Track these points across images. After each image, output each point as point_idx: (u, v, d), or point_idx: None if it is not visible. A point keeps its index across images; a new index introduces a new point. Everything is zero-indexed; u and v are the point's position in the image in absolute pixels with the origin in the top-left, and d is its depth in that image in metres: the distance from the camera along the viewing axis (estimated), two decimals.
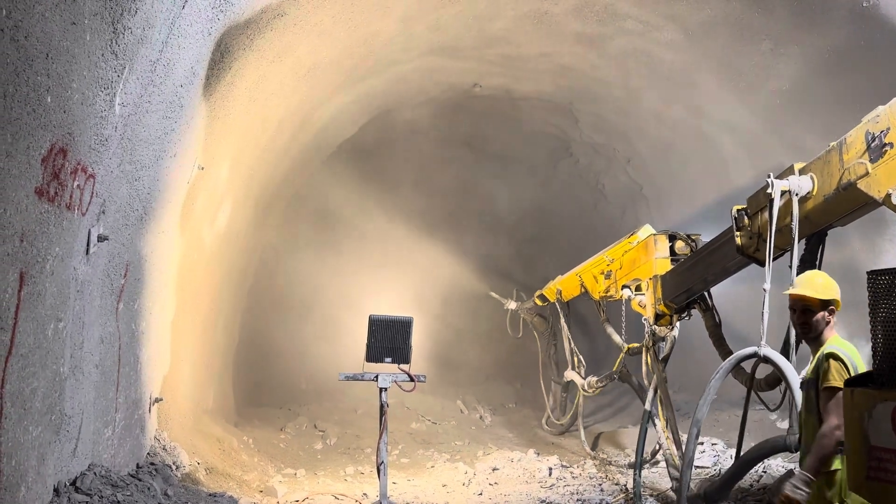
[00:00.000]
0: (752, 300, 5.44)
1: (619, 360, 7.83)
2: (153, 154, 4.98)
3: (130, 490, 4.72)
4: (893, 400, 2.44)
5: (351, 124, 10.89)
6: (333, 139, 11.00)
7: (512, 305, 12.07)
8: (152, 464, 5.72)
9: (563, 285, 9.62)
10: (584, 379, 9.10)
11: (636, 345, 7.30)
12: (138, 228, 5.24)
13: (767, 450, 5.23)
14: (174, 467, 6.00)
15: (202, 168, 6.22)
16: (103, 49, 3.65)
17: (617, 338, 8.02)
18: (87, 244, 4.27)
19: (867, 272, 2.59)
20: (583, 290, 8.76)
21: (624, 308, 7.57)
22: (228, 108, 6.24)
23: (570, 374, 10.06)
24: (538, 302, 11.01)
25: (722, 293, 6.12)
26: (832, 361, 3.40)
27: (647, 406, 6.78)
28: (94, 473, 4.53)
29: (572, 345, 9.80)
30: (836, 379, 3.35)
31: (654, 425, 6.77)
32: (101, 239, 4.42)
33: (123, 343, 5.22)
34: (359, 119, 10.87)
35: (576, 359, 9.76)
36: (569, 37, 8.61)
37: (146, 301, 5.72)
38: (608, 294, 7.94)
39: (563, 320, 10.17)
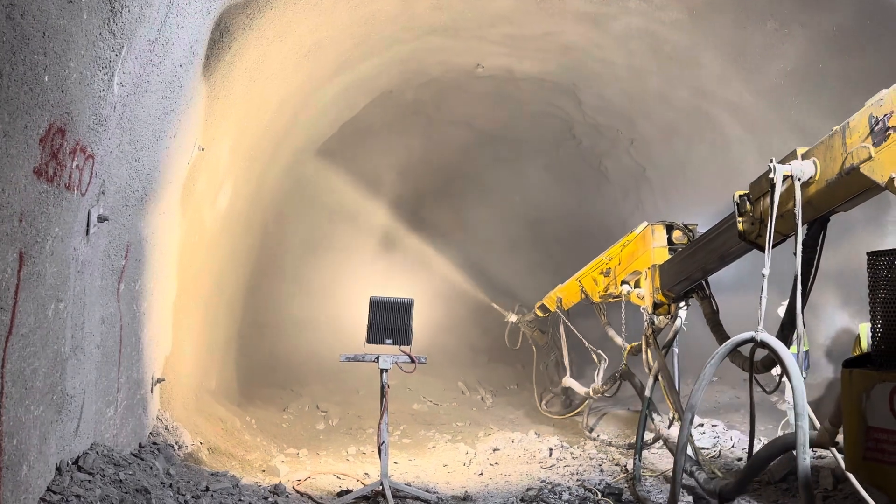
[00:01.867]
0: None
1: (624, 357, 7.86)
2: (153, 134, 4.96)
3: (133, 469, 4.75)
4: (892, 381, 2.44)
5: (352, 105, 10.84)
6: (335, 120, 10.95)
7: (513, 318, 12.12)
8: (154, 443, 5.76)
9: (564, 292, 9.70)
10: (589, 386, 9.19)
11: (637, 343, 7.35)
12: (139, 209, 5.23)
13: (779, 447, 5.23)
14: (176, 447, 6.05)
15: (202, 149, 6.20)
16: (101, 28, 3.63)
17: (618, 339, 8.09)
18: (87, 225, 4.27)
19: (867, 253, 2.58)
20: (583, 295, 8.83)
21: (624, 307, 7.62)
22: (228, 88, 6.21)
23: (568, 382, 10.16)
24: (539, 313, 11.07)
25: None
26: None
27: (647, 392, 6.80)
28: (97, 452, 4.56)
29: (584, 345, 9.78)
30: None
31: (655, 412, 6.82)
32: (101, 219, 4.42)
33: (125, 324, 5.24)
34: (360, 100, 10.82)
35: (572, 366, 9.90)
36: (571, 16, 8.53)
37: (147, 282, 5.73)
38: (608, 293, 7.98)
39: (562, 328, 10.26)
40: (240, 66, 6.17)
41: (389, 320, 6.26)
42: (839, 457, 3.33)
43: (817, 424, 3.92)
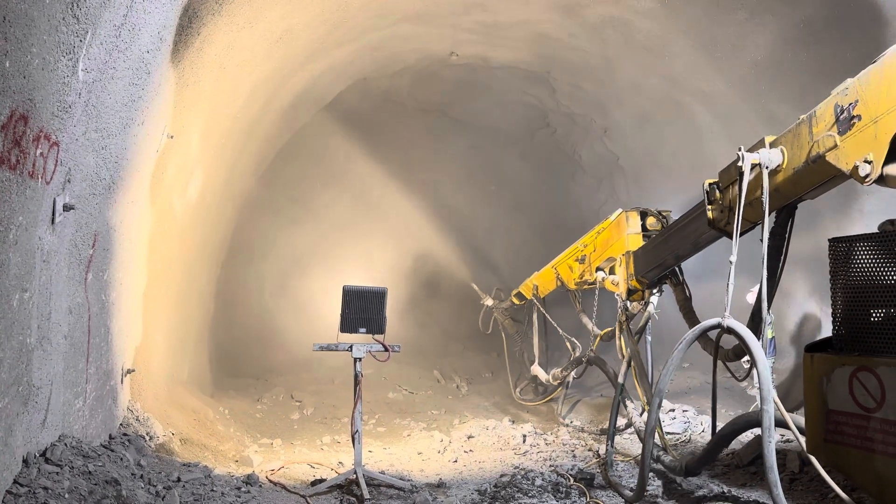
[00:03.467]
0: None
1: (594, 344, 7.93)
2: (120, 122, 4.88)
3: (102, 461, 4.70)
4: (851, 365, 2.49)
5: (325, 93, 10.75)
6: (307, 108, 10.86)
7: (489, 302, 12.12)
8: (125, 434, 5.70)
9: (539, 280, 9.73)
10: (549, 373, 9.30)
11: (609, 329, 7.40)
12: (106, 198, 5.15)
13: (742, 425, 5.34)
14: (148, 438, 5.99)
15: (172, 136, 6.11)
16: (64, 13, 3.55)
17: (591, 325, 8.15)
18: (53, 213, 4.19)
19: (829, 240, 2.63)
20: (558, 282, 8.87)
21: (597, 294, 7.67)
22: (198, 75, 6.12)
23: (535, 370, 10.25)
24: (515, 301, 11.10)
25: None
26: None
27: (621, 378, 6.88)
28: (65, 444, 4.50)
29: (563, 334, 9.85)
30: None
31: (628, 398, 6.91)
32: (66, 208, 4.34)
33: (93, 314, 5.16)
34: (333, 88, 10.74)
35: (545, 354, 10.03)
36: (545, 4, 8.53)
37: (116, 272, 5.65)
38: (583, 280, 8.02)
39: (535, 316, 10.30)
40: (209, 52, 6.08)
41: (363, 309, 6.25)
42: (801, 439, 3.41)
43: (783, 409, 3.99)
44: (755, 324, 4.48)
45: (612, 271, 7.25)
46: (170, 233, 7.26)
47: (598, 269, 7.51)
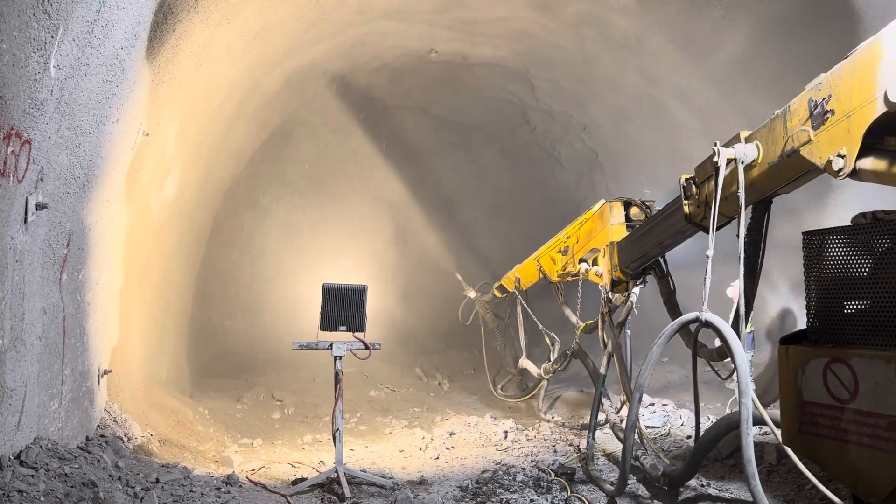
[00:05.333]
0: None
1: (576, 336, 7.93)
2: (94, 119, 4.81)
3: (79, 462, 4.64)
4: (825, 356, 2.52)
5: (304, 90, 10.69)
6: (286, 105, 10.79)
7: (472, 294, 12.12)
8: (102, 436, 5.63)
9: (522, 272, 9.70)
10: (540, 367, 9.28)
11: (591, 322, 7.38)
12: (80, 197, 5.08)
13: (724, 427, 5.34)
14: (125, 439, 5.93)
15: (147, 134, 6.04)
16: (35, 8, 3.50)
17: (573, 317, 8.13)
18: (26, 212, 4.13)
19: (802, 233, 2.65)
20: (541, 275, 8.82)
21: (580, 286, 7.63)
22: (174, 71, 6.05)
23: (524, 363, 10.23)
24: (497, 293, 11.09)
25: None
26: None
27: (602, 370, 6.90)
28: (40, 447, 4.44)
29: (542, 329, 9.85)
30: None
31: (607, 395, 6.93)
32: (39, 207, 4.28)
33: (68, 314, 5.09)
34: (312, 85, 10.67)
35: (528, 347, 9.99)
36: (524, 1, 8.55)
37: (91, 271, 5.57)
38: (566, 271, 7.97)
39: (519, 309, 10.28)
40: (185, 49, 6.01)
41: (343, 307, 6.21)
42: (777, 432, 3.44)
43: (758, 403, 4.03)
44: (737, 324, 4.49)
45: (595, 262, 7.19)
46: (146, 231, 7.18)
47: (581, 260, 7.46)
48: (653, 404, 8.59)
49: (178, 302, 9.56)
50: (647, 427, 7.80)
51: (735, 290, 7.47)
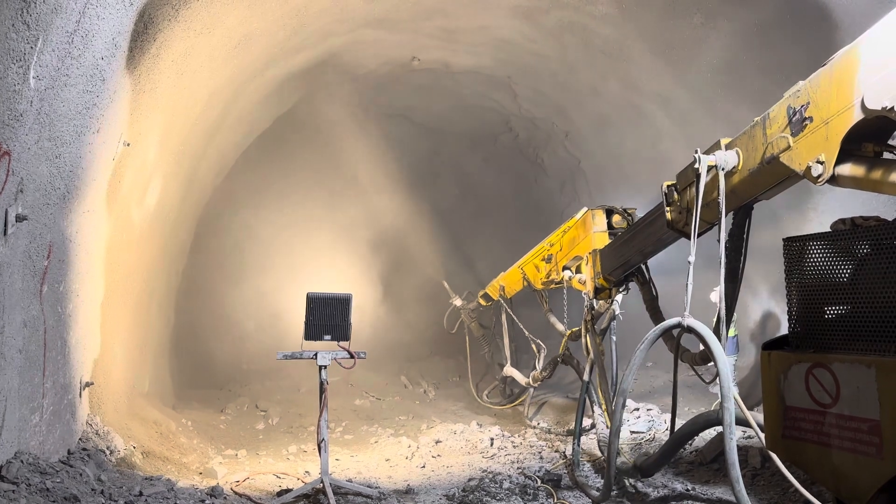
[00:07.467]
0: None
1: (562, 344, 7.96)
2: (74, 130, 4.77)
3: (61, 477, 4.58)
4: (807, 362, 2.55)
5: (286, 98, 10.67)
6: (268, 113, 10.76)
7: (458, 302, 12.14)
8: (84, 449, 5.56)
9: (506, 280, 9.74)
10: (528, 374, 9.30)
11: (577, 329, 7.43)
12: (61, 208, 5.03)
13: (700, 424, 5.41)
14: (108, 452, 5.86)
15: (128, 144, 5.99)
16: (13, 19, 3.47)
17: (559, 325, 8.17)
18: (5, 224, 4.09)
19: (783, 239, 2.68)
20: (525, 283, 8.87)
21: (566, 294, 7.68)
22: (155, 81, 6.02)
23: (509, 371, 10.25)
24: (482, 302, 11.11)
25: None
26: None
27: (586, 377, 6.93)
28: (21, 461, 4.38)
29: (530, 335, 9.87)
30: None
31: (593, 397, 6.97)
32: (19, 219, 4.23)
33: (49, 327, 5.03)
34: (295, 93, 10.66)
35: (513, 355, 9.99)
36: (506, 9, 8.59)
37: (72, 283, 5.51)
38: (550, 279, 8.02)
39: (504, 317, 10.31)
40: (166, 58, 5.98)
41: (327, 316, 6.19)
42: (761, 435, 3.47)
43: (742, 406, 4.07)
44: (720, 325, 4.55)
45: (578, 270, 7.25)
46: (128, 242, 7.11)
47: (564, 267, 7.51)
48: (637, 409, 8.63)
49: (159, 312, 9.47)
50: (632, 432, 7.83)
51: (718, 294, 7.55)
